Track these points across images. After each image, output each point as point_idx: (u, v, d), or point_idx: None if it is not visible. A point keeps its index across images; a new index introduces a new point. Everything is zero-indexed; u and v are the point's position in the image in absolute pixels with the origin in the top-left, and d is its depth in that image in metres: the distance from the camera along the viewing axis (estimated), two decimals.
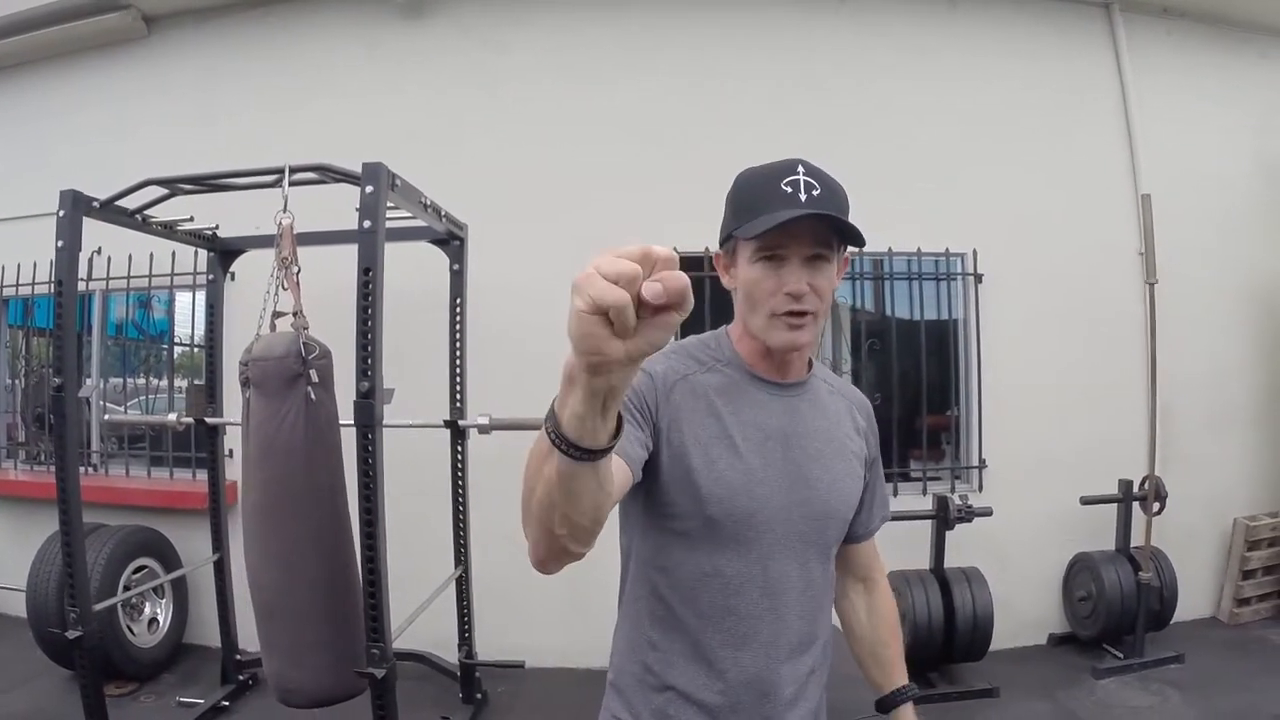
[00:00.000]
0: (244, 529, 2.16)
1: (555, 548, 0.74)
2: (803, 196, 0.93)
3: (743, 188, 1.00)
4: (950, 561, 3.36)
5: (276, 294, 2.16)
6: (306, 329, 2.10)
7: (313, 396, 2.06)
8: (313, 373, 2.06)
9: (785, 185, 0.94)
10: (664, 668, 1.03)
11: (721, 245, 1.05)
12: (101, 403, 4.21)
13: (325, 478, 2.13)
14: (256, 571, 2.12)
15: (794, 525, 1.01)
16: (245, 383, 2.10)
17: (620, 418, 0.62)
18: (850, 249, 1.01)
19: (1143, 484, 3.61)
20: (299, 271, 2.16)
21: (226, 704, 3.11)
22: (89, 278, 3.83)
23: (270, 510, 2.08)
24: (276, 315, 2.15)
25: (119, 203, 2.50)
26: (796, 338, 0.97)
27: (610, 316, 0.49)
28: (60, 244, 2.41)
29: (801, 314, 0.96)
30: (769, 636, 1.01)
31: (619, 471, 0.82)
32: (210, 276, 3.30)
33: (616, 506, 0.90)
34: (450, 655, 3.24)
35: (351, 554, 2.19)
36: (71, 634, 2.41)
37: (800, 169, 0.95)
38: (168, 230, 2.89)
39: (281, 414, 2.04)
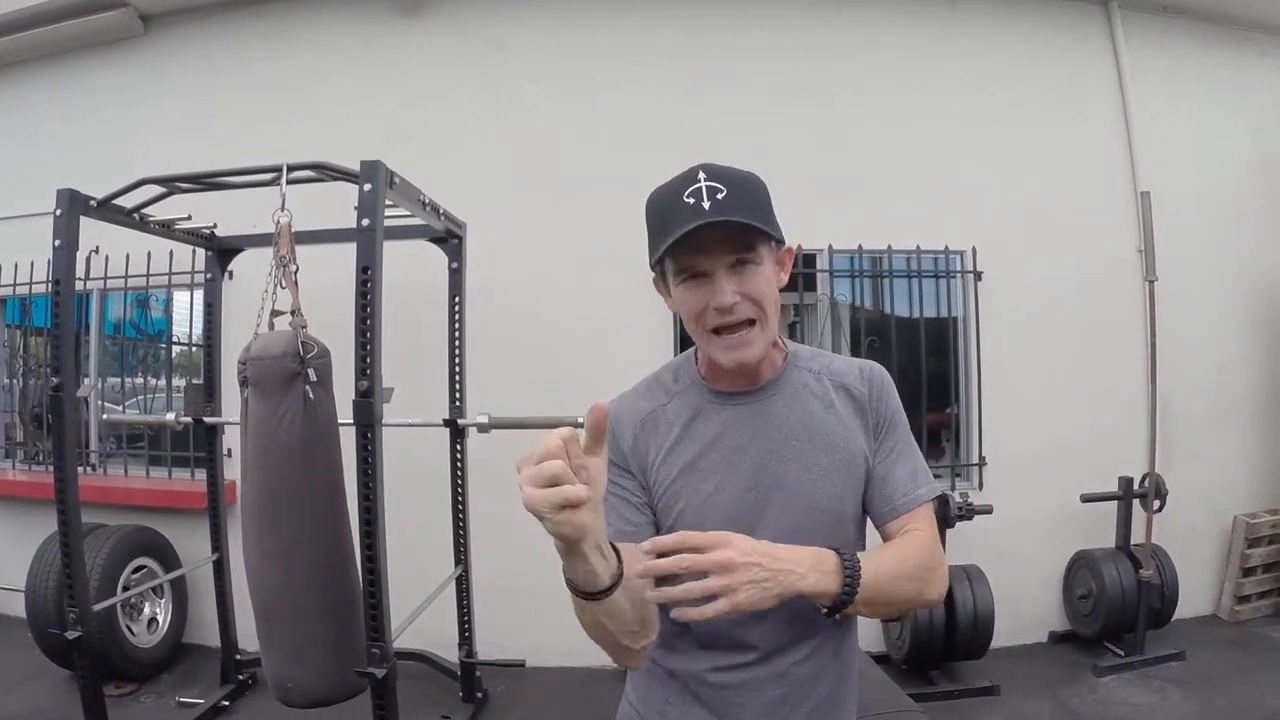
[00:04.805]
0: (243, 529, 2.16)
1: (624, 652, 0.89)
2: (706, 204, 0.88)
3: (651, 209, 0.95)
4: (951, 559, 3.29)
5: (275, 293, 2.15)
6: (305, 328, 2.09)
7: (310, 395, 2.05)
8: (311, 372, 2.05)
9: (688, 197, 0.89)
10: (664, 657, 1.05)
11: (653, 269, 0.99)
12: (100, 402, 4.20)
13: (324, 477, 2.12)
14: (256, 571, 2.11)
15: (782, 535, 0.93)
16: (243, 382, 2.09)
17: (616, 548, 0.79)
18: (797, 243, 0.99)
19: (1143, 481, 3.61)
20: (297, 270, 2.15)
21: (226, 704, 3.11)
22: (87, 277, 3.81)
23: (268, 510, 2.07)
24: (275, 314, 2.14)
25: (116, 201, 2.49)
26: (743, 356, 0.94)
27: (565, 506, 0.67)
28: (58, 243, 2.39)
29: (736, 326, 0.93)
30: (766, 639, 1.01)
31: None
32: (208, 275, 3.30)
33: None
34: (451, 654, 3.24)
35: (351, 553, 2.17)
36: (71, 634, 2.40)
37: (701, 175, 0.91)
38: (165, 229, 2.88)
39: (279, 413, 2.03)
